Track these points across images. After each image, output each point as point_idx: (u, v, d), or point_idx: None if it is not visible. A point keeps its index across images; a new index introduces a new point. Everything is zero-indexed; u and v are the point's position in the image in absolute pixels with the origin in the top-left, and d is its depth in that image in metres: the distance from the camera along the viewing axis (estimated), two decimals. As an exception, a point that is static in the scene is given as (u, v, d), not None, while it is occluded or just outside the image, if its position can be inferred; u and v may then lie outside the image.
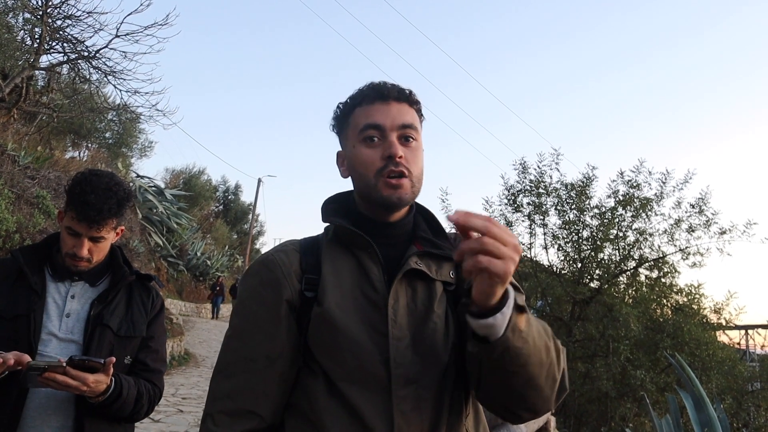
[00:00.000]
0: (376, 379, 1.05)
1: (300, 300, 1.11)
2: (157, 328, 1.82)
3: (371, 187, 1.13)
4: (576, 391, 7.67)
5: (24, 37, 9.01)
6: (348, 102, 1.20)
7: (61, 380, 1.44)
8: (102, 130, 16.85)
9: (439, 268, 1.16)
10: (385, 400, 1.03)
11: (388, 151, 1.11)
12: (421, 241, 1.18)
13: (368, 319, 1.08)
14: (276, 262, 1.14)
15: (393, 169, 1.11)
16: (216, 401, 1.11)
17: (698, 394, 3.51)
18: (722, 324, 8.46)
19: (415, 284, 1.13)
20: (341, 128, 1.22)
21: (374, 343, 1.06)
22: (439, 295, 1.13)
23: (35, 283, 1.64)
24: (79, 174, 1.70)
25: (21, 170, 8.19)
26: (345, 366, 1.06)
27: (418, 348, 1.07)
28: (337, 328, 1.06)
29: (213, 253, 22.67)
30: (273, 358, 1.10)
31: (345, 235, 1.15)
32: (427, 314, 1.10)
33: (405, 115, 1.16)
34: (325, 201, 1.25)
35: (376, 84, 1.18)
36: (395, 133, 1.13)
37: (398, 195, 1.11)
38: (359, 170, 1.15)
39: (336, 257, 1.15)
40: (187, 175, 26.31)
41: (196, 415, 6.36)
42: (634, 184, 8.58)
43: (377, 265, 1.12)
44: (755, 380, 8.33)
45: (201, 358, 10.77)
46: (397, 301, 1.09)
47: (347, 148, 1.19)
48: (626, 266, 8.77)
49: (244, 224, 32.86)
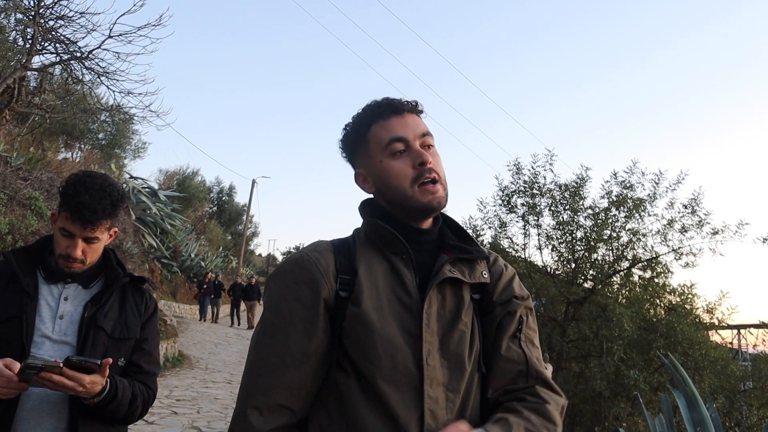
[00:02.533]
0: (409, 379, 1.10)
1: (335, 299, 1.15)
2: (151, 330, 1.82)
3: (408, 197, 1.19)
4: (570, 391, 7.69)
5: (16, 37, 8.95)
6: (360, 121, 1.25)
7: (57, 380, 1.44)
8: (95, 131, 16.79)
9: (471, 272, 1.22)
10: (417, 399, 1.09)
11: (419, 159, 1.18)
12: (450, 248, 1.23)
13: (401, 321, 1.13)
14: (312, 261, 1.17)
15: (427, 176, 1.18)
16: (250, 397, 1.13)
17: (691, 394, 3.53)
18: (715, 324, 8.52)
19: (445, 291, 1.19)
20: (356, 148, 1.27)
21: (407, 344, 1.12)
22: (467, 305, 1.20)
23: (27, 285, 1.64)
24: (72, 175, 1.69)
25: (13, 171, 8.14)
26: (379, 365, 1.10)
27: (445, 353, 1.14)
28: (373, 328, 1.11)
29: (207, 255, 22.61)
30: (308, 354, 1.13)
31: (383, 238, 1.20)
32: (454, 321, 1.17)
33: (421, 124, 1.23)
34: (363, 203, 1.30)
35: (384, 100, 1.24)
36: (418, 141, 1.20)
37: (437, 200, 1.19)
38: (393, 183, 1.20)
39: (370, 259, 1.19)
40: (181, 176, 26.21)
41: (190, 416, 6.34)
42: (628, 184, 8.63)
43: (411, 271, 1.18)
44: (747, 379, 8.38)
45: (195, 360, 10.73)
46: (430, 306, 1.15)
47: (371, 165, 1.24)
48: (620, 266, 8.82)
49: (238, 225, 32.80)
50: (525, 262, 9.16)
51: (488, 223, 9.34)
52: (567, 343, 8.36)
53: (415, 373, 1.10)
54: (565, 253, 8.95)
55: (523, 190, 9.00)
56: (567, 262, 9.05)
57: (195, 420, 6.22)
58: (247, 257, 31.98)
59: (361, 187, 1.28)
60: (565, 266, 9.10)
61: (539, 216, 8.98)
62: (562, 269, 9.16)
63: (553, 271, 9.17)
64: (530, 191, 8.93)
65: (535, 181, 8.92)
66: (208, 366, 10.23)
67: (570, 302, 8.74)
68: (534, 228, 9.05)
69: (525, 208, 9.03)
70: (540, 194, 8.91)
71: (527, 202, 8.99)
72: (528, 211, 8.99)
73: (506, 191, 9.14)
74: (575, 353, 8.51)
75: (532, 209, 8.95)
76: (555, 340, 8.30)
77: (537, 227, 9.03)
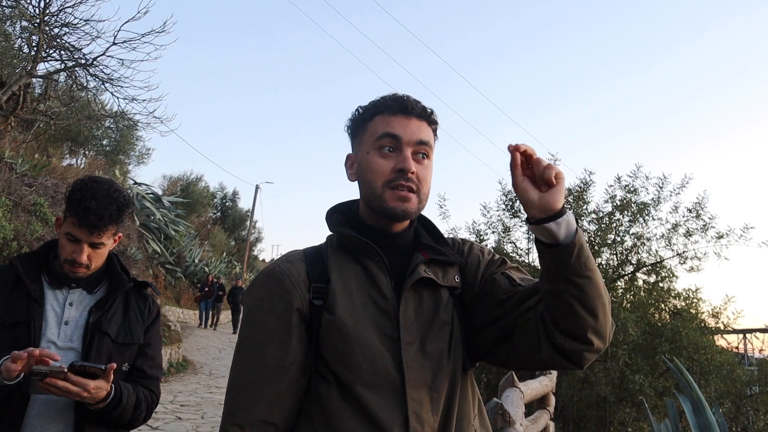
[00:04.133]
0: (390, 383, 1.08)
1: (309, 308, 1.14)
2: (154, 335, 1.82)
3: (377, 196, 1.16)
4: (575, 395, 7.66)
5: (21, 45, 9.02)
6: (369, 108, 1.22)
7: (62, 386, 1.44)
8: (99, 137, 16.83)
9: (444, 274, 1.20)
10: (400, 403, 1.07)
11: (401, 165, 1.14)
12: (425, 248, 1.21)
13: (378, 325, 1.12)
14: (283, 272, 1.16)
15: (402, 183, 1.14)
16: (231, 415, 1.11)
17: (697, 399, 3.51)
18: (720, 328, 8.46)
19: (421, 291, 1.17)
20: (356, 132, 1.24)
21: (386, 348, 1.10)
22: (445, 301, 1.18)
23: (34, 290, 1.64)
24: (78, 180, 1.70)
25: (18, 178, 8.18)
26: (359, 371, 1.08)
27: (426, 352, 1.12)
28: (349, 334, 1.09)
29: (211, 260, 22.62)
30: (285, 366, 1.11)
31: (353, 244, 1.18)
32: (433, 320, 1.15)
33: (423, 132, 1.19)
34: (329, 210, 1.28)
35: (400, 96, 1.21)
36: (411, 148, 1.16)
37: (404, 208, 1.15)
38: (368, 177, 1.17)
39: (343, 265, 1.18)
40: (185, 182, 26.26)
41: (194, 422, 6.34)
42: (632, 188, 8.60)
43: (385, 273, 1.16)
44: (754, 384, 8.31)
45: (199, 365, 10.73)
46: (406, 307, 1.13)
47: (360, 153, 1.21)
48: (624, 271, 8.78)
49: (241, 231, 32.81)
50: (529, 267, 9.13)
51: (492, 227, 9.32)
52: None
53: (396, 377, 1.08)
54: (569, 257, 8.93)
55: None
56: (571, 267, 9.02)
57: (199, 425, 6.21)
58: (250, 262, 31.96)
59: (346, 172, 1.26)
60: (570, 271, 9.07)
61: (543, 220, 8.95)
62: (566, 274, 9.13)
63: (557, 276, 9.15)
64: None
65: (538, 186, 8.91)
66: (212, 371, 10.22)
67: (574, 307, 8.70)
68: (538, 232, 9.02)
69: (528, 213, 9.01)
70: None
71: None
72: (532, 215, 8.98)
73: (510, 195, 9.12)
74: (580, 358, 8.46)
75: (535, 213, 8.93)
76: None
77: (541, 231, 9.01)
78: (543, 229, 1.01)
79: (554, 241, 1.02)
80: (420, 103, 1.20)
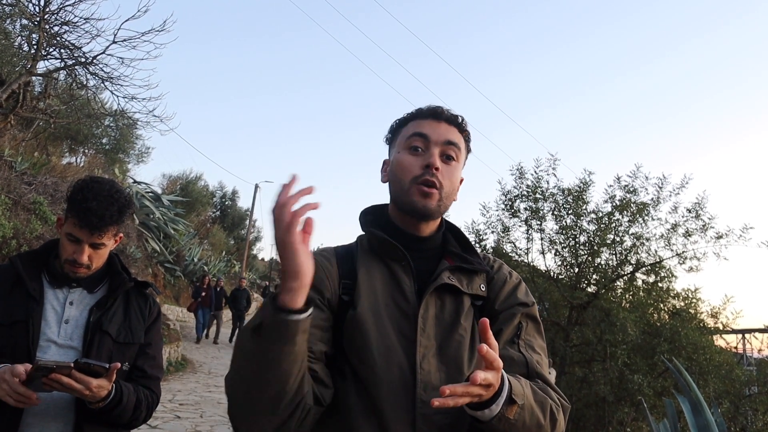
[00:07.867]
0: (402, 382, 1.10)
1: (338, 302, 1.18)
2: (155, 335, 1.83)
3: (404, 191, 1.21)
4: (573, 395, 7.66)
5: (21, 43, 9.02)
6: (405, 117, 1.29)
7: (66, 382, 1.44)
8: (99, 135, 16.83)
9: (470, 282, 1.23)
10: (409, 403, 1.09)
11: (427, 161, 1.20)
12: (452, 255, 1.25)
13: (398, 325, 1.15)
14: (318, 263, 1.18)
15: (427, 178, 1.19)
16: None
17: (696, 399, 3.51)
18: (719, 328, 8.46)
19: (444, 297, 1.20)
20: (392, 139, 1.31)
21: (403, 349, 1.13)
22: (467, 309, 1.20)
23: (33, 289, 1.64)
24: (79, 181, 1.70)
25: (18, 176, 8.17)
26: (374, 367, 1.11)
27: (443, 357, 1.14)
28: (368, 330, 1.13)
29: (210, 259, 22.61)
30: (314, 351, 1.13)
31: (382, 246, 1.22)
32: (453, 326, 1.17)
33: (451, 134, 1.25)
34: (362, 212, 1.33)
35: (433, 106, 1.28)
36: (438, 148, 1.22)
37: (424, 203, 1.19)
38: (398, 175, 1.23)
39: (370, 265, 1.22)
40: (184, 180, 26.26)
41: (194, 421, 6.34)
42: (631, 189, 8.60)
43: (409, 277, 1.20)
44: (753, 384, 8.32)
45: (198, 364, 10.73)
46: (426, 311, 1.16)
47: (393, 155, 1.28)
48: (623, 271, 8.78)
49: (241, 230, 32.82)
50: (528, 267, 9.14)
51: (491, 227, 9.31)
52: (570, 348, 8.33)
53: (409, 377, 1.11)
54: (568, 257, 8.92)
55: (526, 194, 8.97)
56: (570, 267, 9.02)
57: (198, 424, 6.21)
58: (250, 262, 31.95)
59: (381, 175, 1.32)
60: (568, 270, 9.07)
61: (542, 220, 8.95)
62: (565, 273, 9.13)
63: (556, 276, 9.13)
64: (533, 195, 8.91)
65: (538, 186, 8.90)
66: (211, 370, 10.23)
67: (573, 307, 8.71)
68: (537, 232, 9.01)
69: (528, 213, 9.00)
70: (543, 198, 8.89)
71: (530, 207, 8.97)
72: (531, 215, 8.97)
73: (509, 196, 9.11)
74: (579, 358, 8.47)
75: (535, 213, 8.93)
76: (558, 344, 8.28)
77: (540, 231, 9.00)
78: (469, 411, 1.01)
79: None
80: (451, 111, 1.27)
